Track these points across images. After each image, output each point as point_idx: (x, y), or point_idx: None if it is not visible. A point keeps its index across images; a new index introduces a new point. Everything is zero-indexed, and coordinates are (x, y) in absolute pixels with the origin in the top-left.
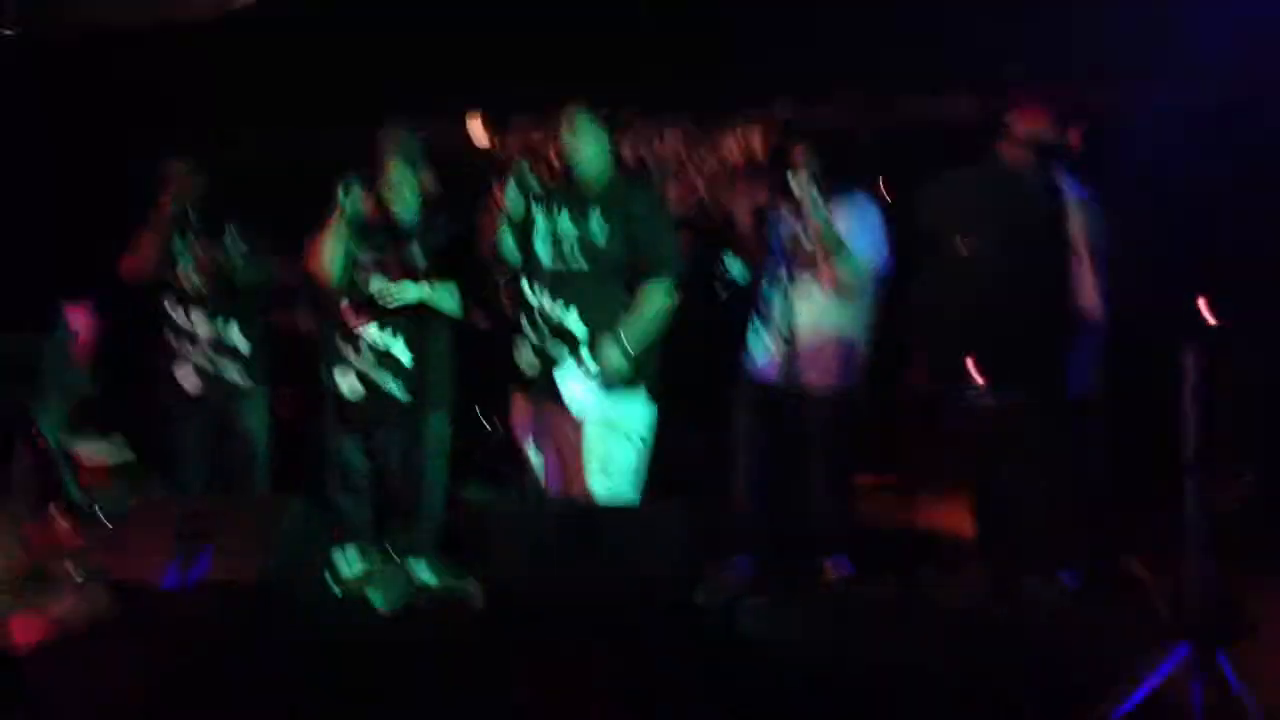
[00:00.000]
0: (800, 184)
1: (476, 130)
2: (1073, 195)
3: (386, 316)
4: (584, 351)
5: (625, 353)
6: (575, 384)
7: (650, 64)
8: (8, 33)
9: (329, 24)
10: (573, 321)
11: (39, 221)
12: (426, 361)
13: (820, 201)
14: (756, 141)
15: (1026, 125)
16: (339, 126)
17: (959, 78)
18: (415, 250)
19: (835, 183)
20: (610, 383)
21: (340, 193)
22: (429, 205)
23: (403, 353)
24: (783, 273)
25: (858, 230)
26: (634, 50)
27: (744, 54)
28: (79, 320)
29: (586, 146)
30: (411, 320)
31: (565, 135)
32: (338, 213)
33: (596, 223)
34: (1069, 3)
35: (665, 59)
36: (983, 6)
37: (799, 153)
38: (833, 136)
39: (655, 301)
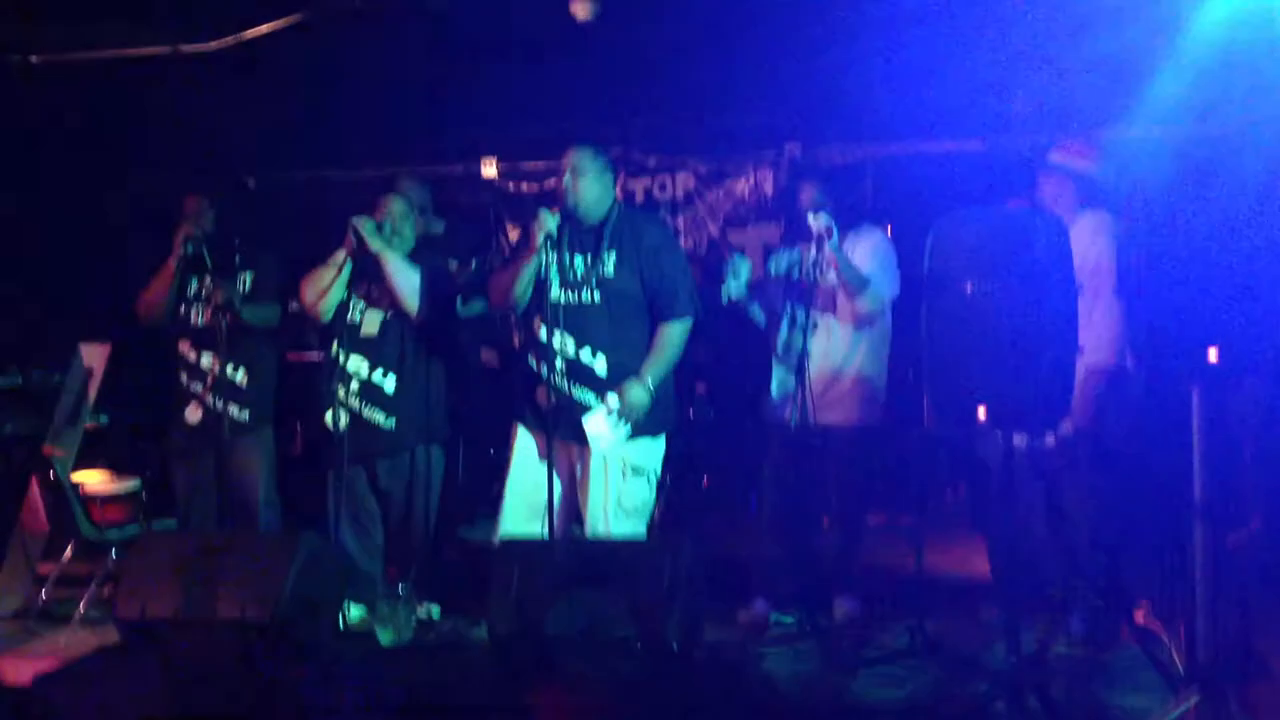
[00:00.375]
0: (819, 222)
1: (490, 172)
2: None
3: (375, 351)
4: (607, 391)
5: (648, 391)
6: (598, 421)
7: (661, 106)
8: (33, 60)
9: (346, 65)
10: (587, 355)
11: (55, 258)
12: (415, 395)
13: (838, 238)
14: (767, 182)
15: (1068, 159)
16: (353, 169)
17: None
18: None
19: (844, 217)
20: (631, 420)
21: (351, 231)
22: (428, 246)
23: (389, 384)
24: (797, 311)
25: (872, 263)
26: (647, 92)
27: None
28: (95, 358)
29: (590, 186)
30: (400, 355)
31: (570, 175)
32: (343, 251)
33: (608, 257)
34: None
35: (677, 101)
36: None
37: (808, 190)
38: (840, 174)
39: (674, 341)
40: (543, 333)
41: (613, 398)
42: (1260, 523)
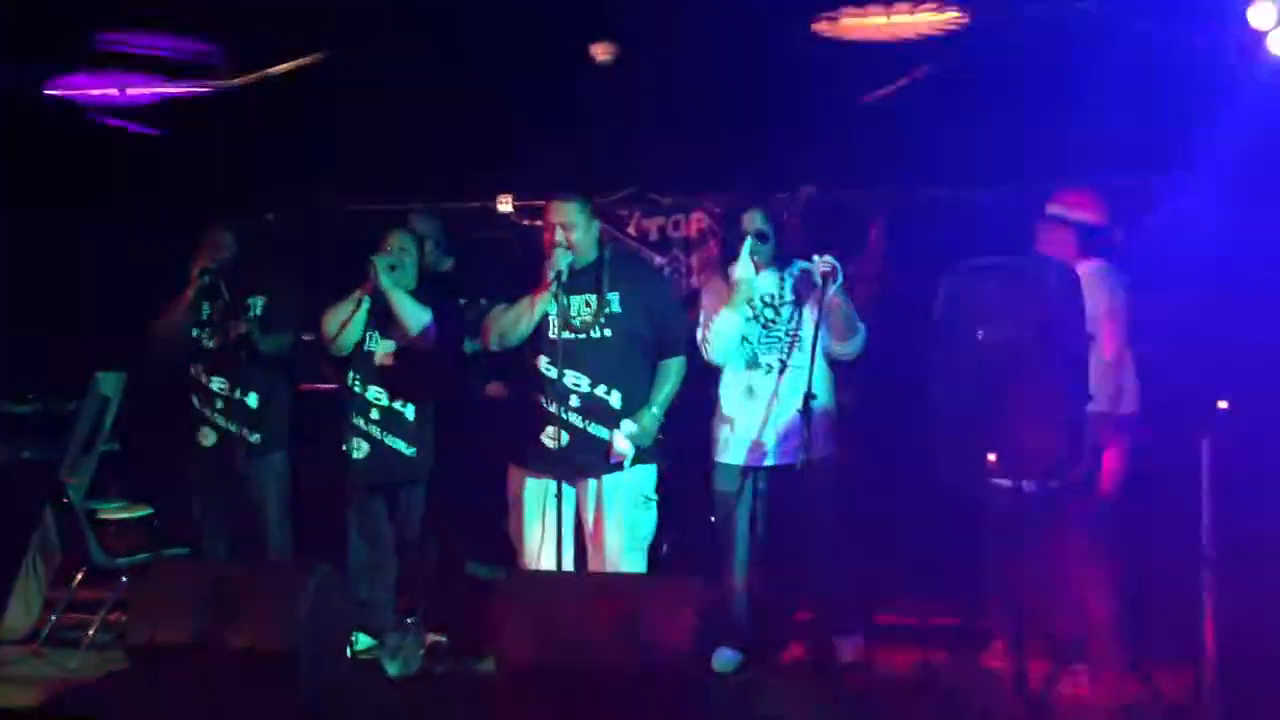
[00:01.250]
0: (824, 264)
1: (506, 208)
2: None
3: (393, 380)
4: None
5: (659, 419)
6: (622, 440)
7: (677, 146)
8: (54, 94)
9: (364, 98)
10: (602, 391)
11: (75, 287)
12: (432, 425)
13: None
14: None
15: (1067, 209)
16: (370, 203)
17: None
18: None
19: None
20: (642, 445)
21: (372, 266)
22: (441, 281)
23: (410, 413)
24: (768, 354)
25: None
26: (663, 132)
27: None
28: (112, 386)
29: (583, 236)
30: (416, 385)
31: (560, 231)
32: (366, 284)
33: (612, 296)
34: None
35: (693, 142)
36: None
37: (751, 217)
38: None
39: (677, 374)
40: (551, 371)
41: (628, 423)
42: None
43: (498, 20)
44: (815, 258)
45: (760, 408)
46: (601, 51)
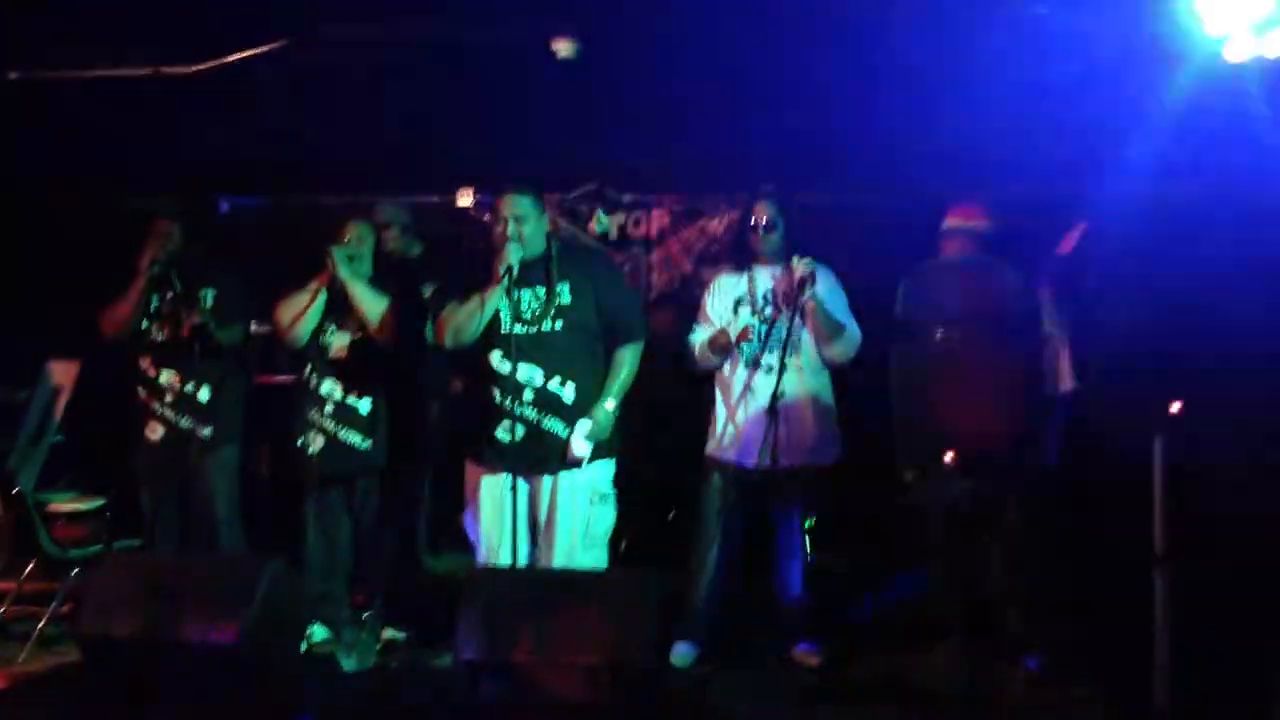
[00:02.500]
0: (801, 267)
1: (466, 202)
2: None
3: (347, 373)
4: (575, 417)
5: (614, 413)
6: (580, 443)
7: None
8: (12, 77)
9: (325, 92)
10: (555, 384)
11: (25, 274)
12: (387, 417)
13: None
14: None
15: (960, 220)
16: (329, 194)
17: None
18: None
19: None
20: (597, 440)
21: (330, 257)
22: (406, 268)
23: (364, 406)
24: (762, 354)
25: (836, 303)
26: (624, 130)
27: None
28: (64, 376)
29: (534, 230)
30: (372, 377)
31: (513, 223)
32: (323, 275)
33: (562, 288)
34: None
35: (654, 140)
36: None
37: (763, 209)
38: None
39: (631, 363)
40: (504, 366)
41: (584, 422)
42: None
43: (462, 11)
44: (795, 259)
45: (761, 408)
46: (563, 47)
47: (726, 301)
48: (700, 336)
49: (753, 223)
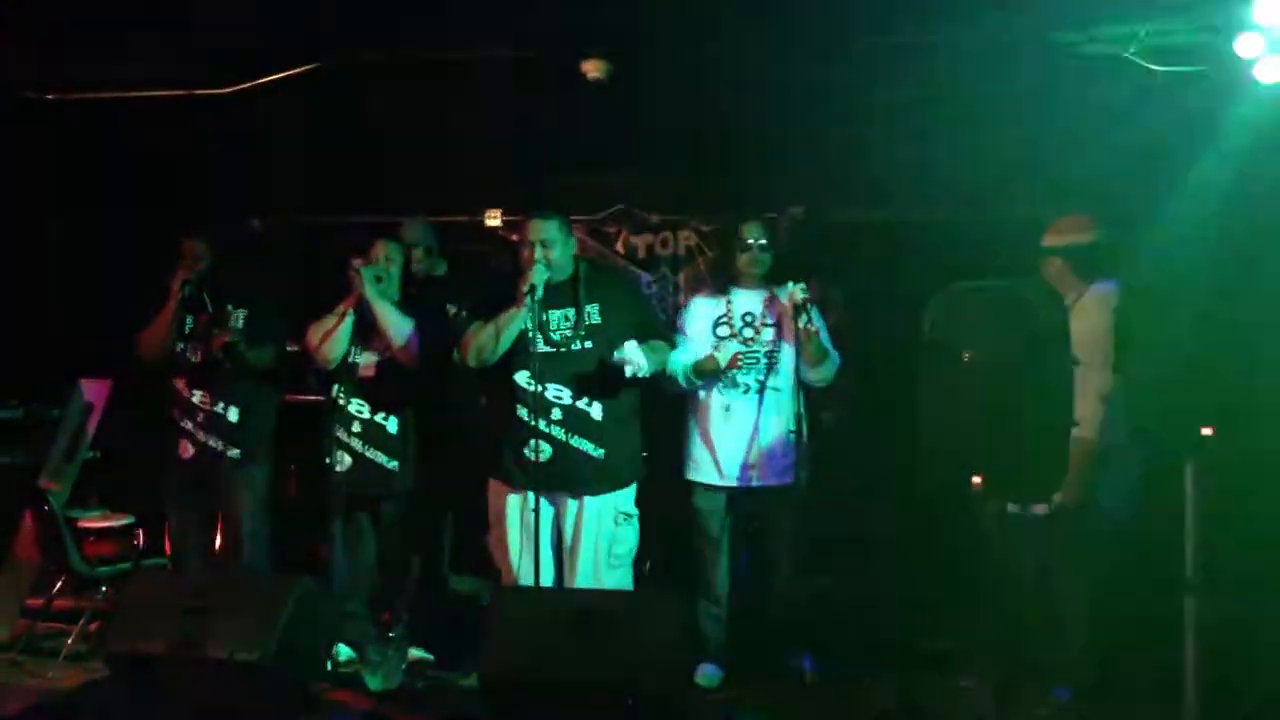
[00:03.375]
0: (797, 295)
1: (494, 223)
2: (1107, 300)
3: (374, 392)
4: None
5: (647, 355)
6: (634, 349)
7: (667, 165)
8: (48, 98)
9: (355, 113)
10: (584, 403)
11: (60, 293)
12: (417, 437)
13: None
14: None
15: (1059, 236)
16: (360, 214)
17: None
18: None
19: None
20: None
21: (358, 277)
22: (434, 286)
23: (392, 426)
24: (746, 375)
25: (822, 327)
26: (653, 150)
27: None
28: (96, 394)
29: (562, 253)
30: (398, 397)
31: (540, 247)
32: (352, 296)
33: (591, 308)
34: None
35: (682, 160)
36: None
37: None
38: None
39: (666, 351)
40: (533, 385)
41: (630, 343)
42: None
43: (491, 35)
44: (790, 284)
45: (740, 429)
46: (593, 69)
47: (706, 324)
48: (684, 360)
49: (748, 243)
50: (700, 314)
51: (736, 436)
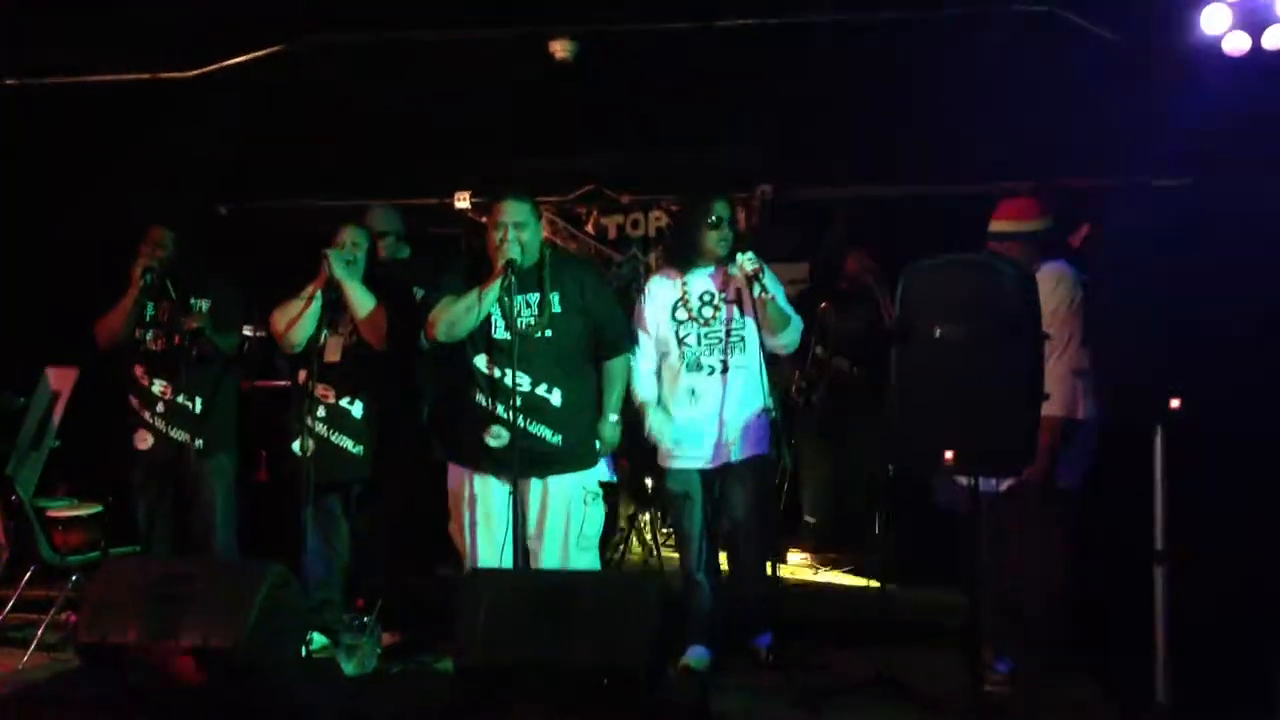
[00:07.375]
0: (748, 265)
1: (463, 205)
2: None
3: (340, 377)
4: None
5: (618, 425)
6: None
7: (636, 145)
8: (10, 83)
9: (323, 96)
10: (543, 390)
11: (24, 280)
12: (381, 422)
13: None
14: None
15: (1008, 222)
16: (326, 198)
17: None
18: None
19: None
20: (606, 453)
21: (324, 262)
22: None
23: (357, 410)
24: (710, 355)
25: (779, 293)
26: (621, 131)
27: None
28: (62, 382)
29: (532, 237)
30: (364, 381)
31: (512, 229)
32: (319, 280)
33: (554, 297)
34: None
35: (651, 140)
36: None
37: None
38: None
39: (624, 376)
40: (494, 370)
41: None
42: None
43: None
44: (739, 256)
45: (707, 410)
46: (560, 49)
47: (664, 308)
48: (646, 392)
49: (713, 220)
50: (657, 297)
51: (706, 420)
